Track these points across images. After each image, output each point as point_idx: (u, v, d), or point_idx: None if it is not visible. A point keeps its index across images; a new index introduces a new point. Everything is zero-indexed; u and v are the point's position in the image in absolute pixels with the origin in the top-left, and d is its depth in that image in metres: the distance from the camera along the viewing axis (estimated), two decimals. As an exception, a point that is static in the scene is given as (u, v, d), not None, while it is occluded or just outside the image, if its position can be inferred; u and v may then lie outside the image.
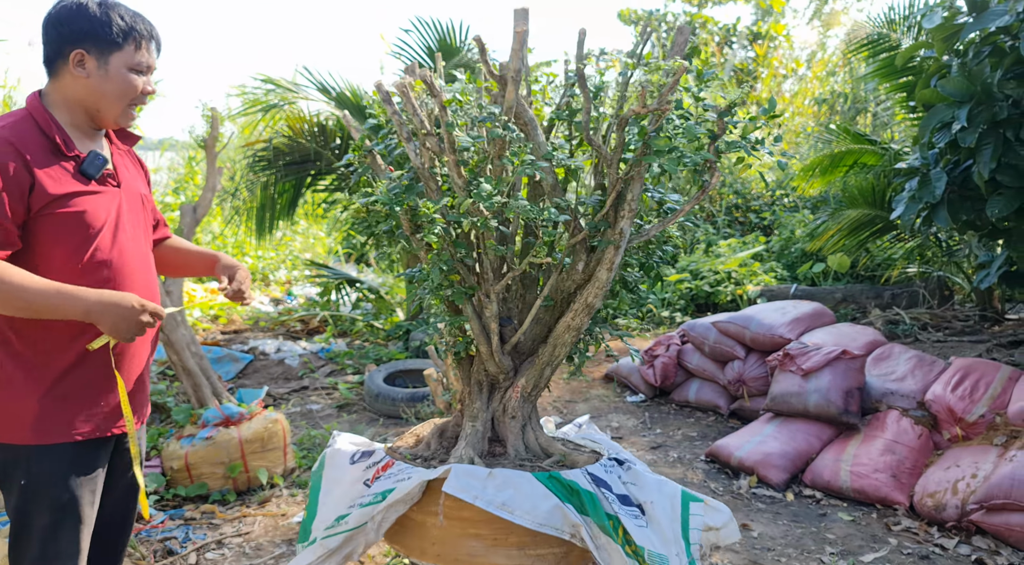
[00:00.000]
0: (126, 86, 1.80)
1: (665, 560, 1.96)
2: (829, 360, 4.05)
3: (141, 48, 1.80)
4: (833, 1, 19.47)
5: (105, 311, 1.70)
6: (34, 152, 1.70)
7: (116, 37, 1.76)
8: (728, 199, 9.72)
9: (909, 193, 4.44)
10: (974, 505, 3.14)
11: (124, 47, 1.77)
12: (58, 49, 1.75)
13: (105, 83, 1.77)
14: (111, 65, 1.77)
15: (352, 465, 2.25)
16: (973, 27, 3.92)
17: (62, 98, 1.79)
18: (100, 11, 1.75)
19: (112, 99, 1.80)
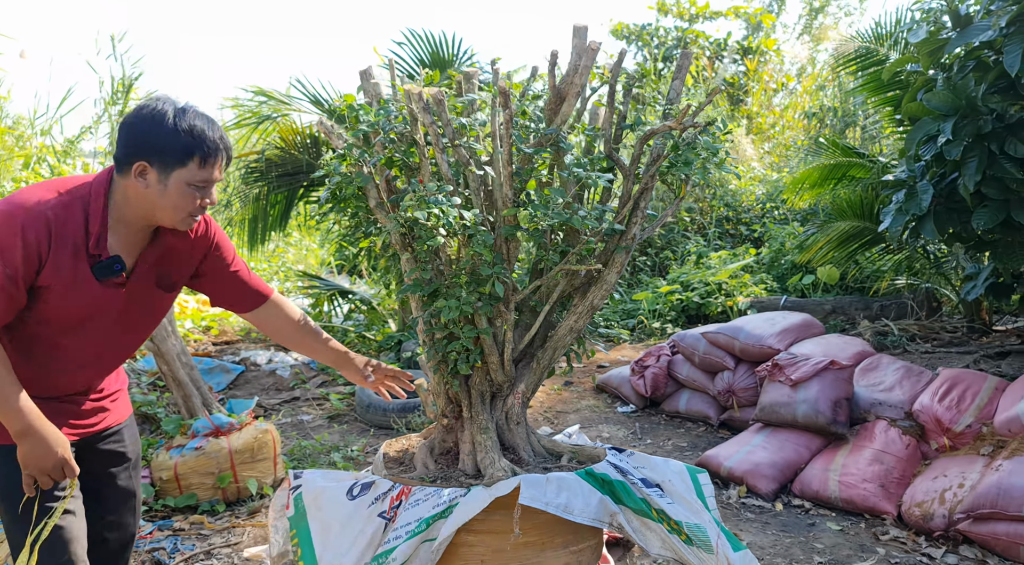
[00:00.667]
0: (184, 202, 1.79)
1: (703, 528, 2.09)
2: (818, 371, 4.08)
3: (206, 165, 1.78)
4: (823, 16, 19.71)
5: (31, 446, 1.72)
6: (64, 239, 1.73)
7: (181, 154, 1.75)
8: (719, 211, 9.78)
9: (896, 205, 4.49)
10: (961, 514, 3.16)
11: (188, 164, 1.76)
12: (124, 154, 1.76)
13: (162, 197, 1.77)
14: (171, 180, 1.76)
15: (353, 500, 2.13)
16: (957, 42, 3.98)
17: (122, 196, 1.80)
18: (173, 125, 1.73)
19: (168, 212, 1.80)
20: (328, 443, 4.54)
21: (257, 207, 6.78)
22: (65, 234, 1.73)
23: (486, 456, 2.17)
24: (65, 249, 1.74)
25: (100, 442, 2.03)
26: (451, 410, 2.34)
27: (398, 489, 2.09)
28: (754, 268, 8.22)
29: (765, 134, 12.18)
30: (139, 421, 4.43)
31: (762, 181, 10.36)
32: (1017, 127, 3.91)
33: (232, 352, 6.67)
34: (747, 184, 10.24)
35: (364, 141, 2.19)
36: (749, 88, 13.16)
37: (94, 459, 2.01)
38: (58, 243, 1.72)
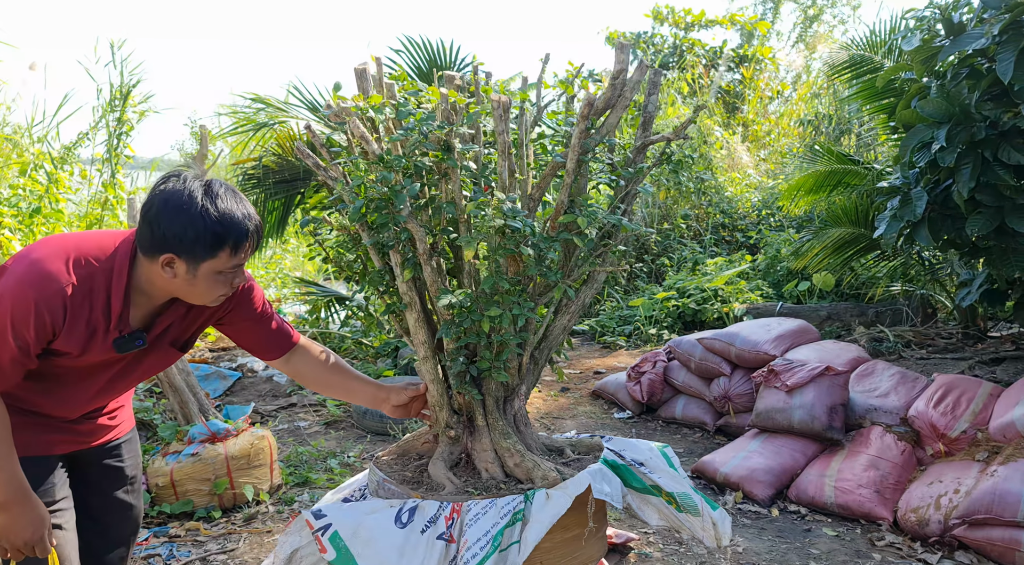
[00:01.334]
0: (213, 290, 1.73)
1: (688, 495, 2.34)
2: (813, 376, 4.09)
3: (237, 253, 1.70)
4: (817, 24, 19.81)
5: (10, 516, 1.69)
6: (79, 313, 1.67)
7: (212, 248, 1.66)
8: (715, 218, 9.81)
9: (891, 212, 4.51)
10: (956, 520, 3.17)
11: (218, 255, 1.67)
12: (149, 243, 1.67)
13: (191, 286, 1.71)
14: (200, 272, 1.68)
15: (404, 528, 2.02)
16: (951, 49, 4.01)
17: (147, 279, 1.73)
18: (201, 215, 1.63)
19: (196, 298, 1.75)
20: (325, 449, 4.54)
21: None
22: (82, 309, 1.67)
23: (525, 460, 2.21)
24: (79, 322, 1.68)
25: (100, 457, 1.99)
26: (456, 421, 2.33)
27: (448, 507, 2.03)
28: (750, 274, 8.24)
29: (761, 141, 12.22)
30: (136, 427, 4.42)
31: (758, 188, 10.39)
32: (1010, 134, 3.94)
33: (229, 358, 6.66)
34: (743, 191, 10.28)
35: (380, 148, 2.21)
36: (745, 96, 13.22)
37: (92, 473, 1.98)
38: (73, 318, 1.66)
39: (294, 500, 3.81)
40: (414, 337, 2.31)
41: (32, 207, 5.98)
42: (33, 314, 1.61)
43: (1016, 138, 3.93)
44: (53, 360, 1.74)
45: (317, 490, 3.95)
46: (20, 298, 1.60)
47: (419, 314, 2.27)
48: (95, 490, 2.00)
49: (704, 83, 13.20)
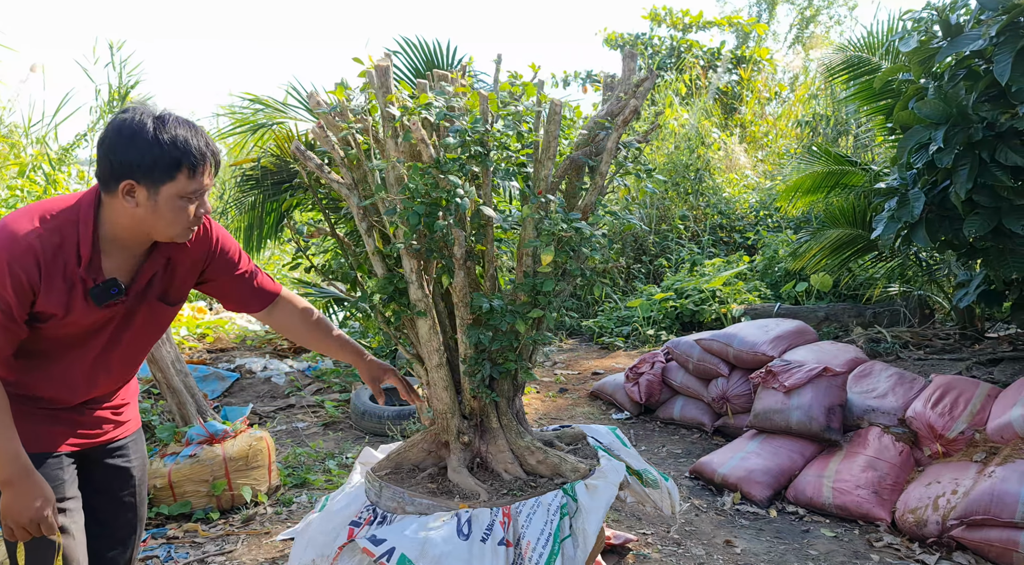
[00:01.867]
0: (177, 216, 1.73)
1: (648, 470, 2.62)
2: (811, 377, 4.09)
3: (195, 176, 1.71)
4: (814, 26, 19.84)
5: (13, 495, 1.69)
6: (54, 267, 1.67)
7: (168, 169, 1.67)
8: (713, 219, 9.81)
9: (888, 213, 4.52)
10: (954, 521, 3.18)
11: (176, 177, 1.68)
12: (108, 175, 1.68)
13: (155, 214, 1.71)
14: (161, 196, 1.69)
15: (467, 540, 2.05)
16: (948, 51, 4.01)
17: (113, 218, 1.73)
18: (152, 139, 1.65)
19: (162, 228, 1.74)
20: (323, 450, 4.53)
21: (253, 215, 6.78)
22: (55, 263, 1.68)
23: (549, 456, 2.32)
24: (56, 278, 1.68)
25: (105, 456, 1.98)
26: (468, 426, 2.35)
27: (499, 513, 2.08)
28: (748, 275, 8.24)
29: (759, 143, 12.23)
30: (133, 429, 4.41)
31: (755, 189, 10.40)
32: (1008, 135, 3.95)
33: (227, 359, 6.66)
34: (740, 192, 10.28)
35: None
36: (743, 97, 13.23)
37: (98, 473, 1.97)
38: (49, 273, 1.67)
39: (292, 501, 3.81)
40: (426, 345, 2.30)
41: (30, 208, 5.96)
42: (8, 275, 1.62)
43: (1013, 139, 3.94)
44: (41, 329, 1.74)
45: (315, 491, 3.94)
46: None
47: (434, 321, 2.27)
48: (102, 490, 1.98)
49: (702, 84, 13.21)
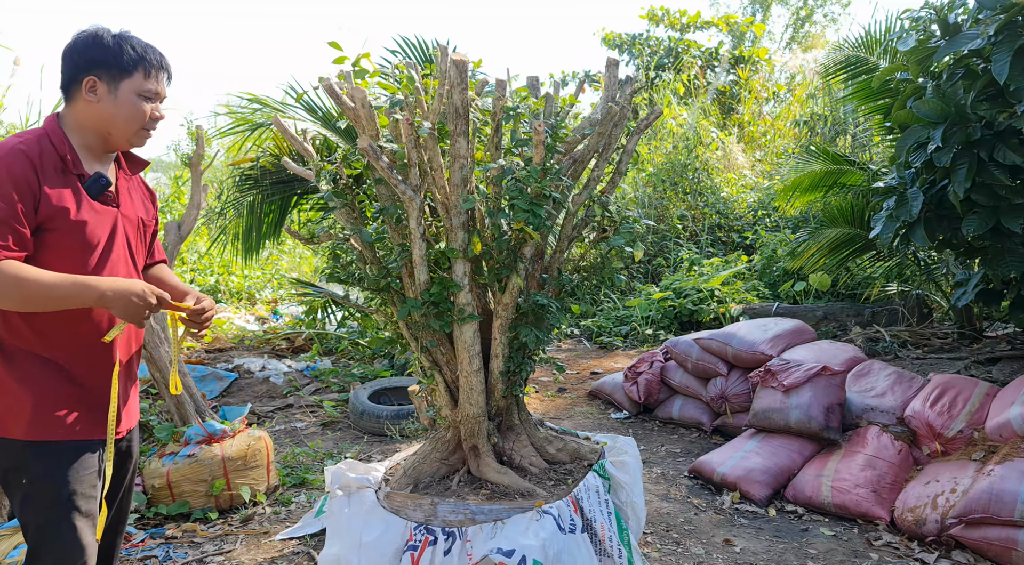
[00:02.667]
0: (135, 112, 1.89)
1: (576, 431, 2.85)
2: (810, 376, 4.09)
3: (151, 76, 1.90)
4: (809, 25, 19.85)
5: (118, 297, 1.80)
6: (45, 167, 1.79)
7: (126, 65, 1.86)
8: (711, 219, 9.81)
9: (887, 212, 4.52)
10: (953, 520, 3.18)
11: (133, 74, 1.87)
12: (72, 76, 1.85)
13: (115, 108, 1.87)
14: (120, 91, 1.87)
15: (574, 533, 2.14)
16: (946, 50, 4.01)
17: (76, 122, 1.88)
18: (113, 41, 1.85)
19: (121, 123, 1.89)
20: (322, 450, 4.53)
21: (251, 215, 6.77)
22: (46, 164, 1.80)
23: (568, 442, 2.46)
24: (51, 175, 1.80)
25: (121, 443, 2.08)
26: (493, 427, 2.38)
27: (567, 502, 2.19)
28: (746, 275, 8.25)
29: (756, 142, 12.24)
30: (131, 429, 4.41)
31: (753, 189, 10.40)
32: (1006, 134, 3.95)
33: (225, 359, 6.65)
34: (739, 192, 10.29)
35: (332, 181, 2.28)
36: (741, 97, 13.24)
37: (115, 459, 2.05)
38: (44, 171, 1.78)
39: (291, 501, 3.81)
40: (468, 349, 2.28)
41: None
42: (7, 174, 1.72)
43: (1012, 138, 3.93)
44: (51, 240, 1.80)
45: (314, 491, 3.94)
46: None
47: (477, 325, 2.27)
48: (116, 475, 2.08)
49: (700, 84, 13.21)
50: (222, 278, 10.20)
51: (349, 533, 2.38)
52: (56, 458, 1.83)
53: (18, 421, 1.80)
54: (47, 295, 1.73)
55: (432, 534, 2.20)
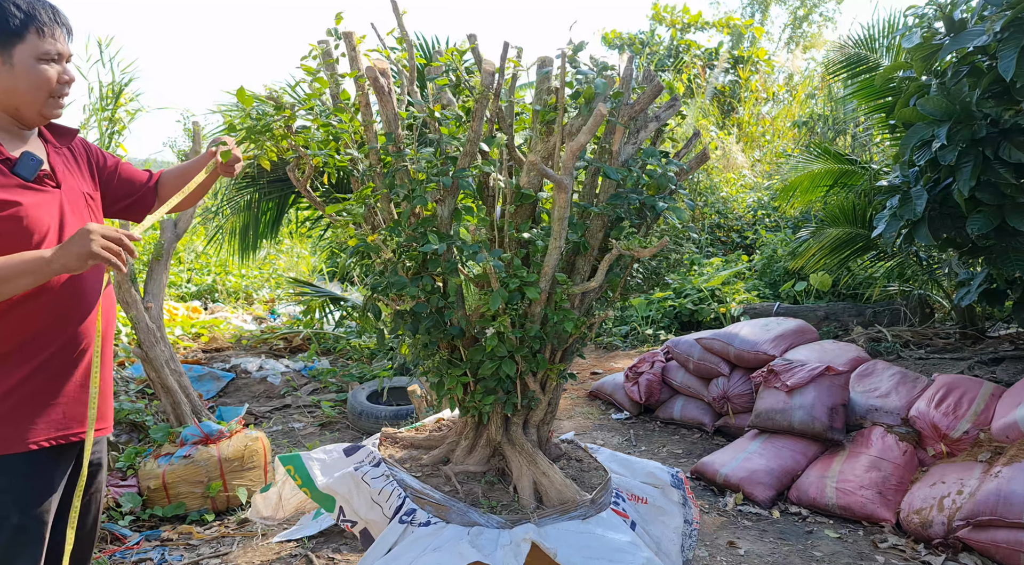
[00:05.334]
0: (38, 78, 1.69)
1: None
2: (813, 376, 4.05)
3: (45, 35, 1.68)
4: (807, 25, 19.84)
5: (67, 253, 1.60)
6: None
7: (14, 28, 1.65)
8: (711, 219, 9.78)
9: (890, 211, 4.48)
10: (960, 522, 3.14)
11: (26, 37, 1.66)
12: None
13: (14, 79, 1.68)
14: (15, 59, 1.67)
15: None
16: (951, 47, 3.98)
17: None
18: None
19: (26, 94, 1.70)
20: (319, 451, 4.48)
21: (248, 214, 6.72)
22: None
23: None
24: None
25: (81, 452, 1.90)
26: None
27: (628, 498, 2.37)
28: (746, 275, 8.21)
29: (756, 142, 12.21)
30: (127, 429, 4.35)
31: (753, 188, 10.37)
32: (1011, 132, 3.91)
33: (222, 359, 6.60)
34: (738, 191, 10.26)
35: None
36: (741, 97, 13.21)
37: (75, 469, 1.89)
38: None
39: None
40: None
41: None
42: None
43: (1017, 136, 3.90)
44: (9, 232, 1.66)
45: (312, 492, 3.89)
46: None
47: None
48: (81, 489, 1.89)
49: (701, 83, 13.18)
50: (219, 277, 10.15)
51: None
52: (10, 476, 1.66)
53: None
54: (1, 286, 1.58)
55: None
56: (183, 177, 2.14)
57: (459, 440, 2.43)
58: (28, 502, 1.69)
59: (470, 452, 2.40)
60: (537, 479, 2.33)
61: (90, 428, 1.73)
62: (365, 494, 2.19)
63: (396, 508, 2.14)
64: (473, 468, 2.36)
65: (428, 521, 2.09)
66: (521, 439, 2.40)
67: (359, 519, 2.20)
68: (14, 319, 1.68)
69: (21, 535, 1.67)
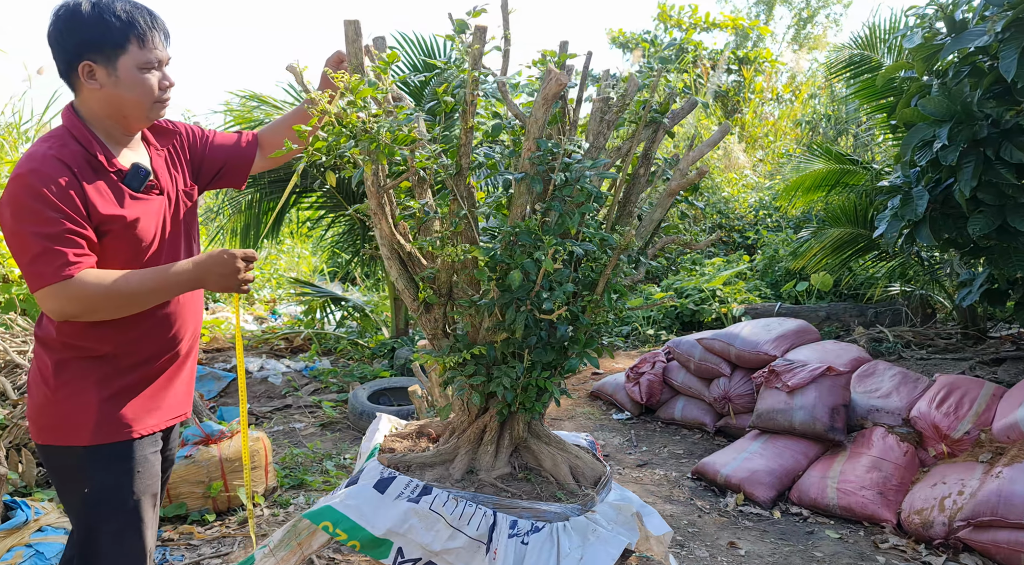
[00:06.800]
0: (142, 88, 1.72)
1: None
2: (814, 377, 4.05)
3: (146, 44, 1.70)
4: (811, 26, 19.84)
5: (208, 272, 1.75)
6: (83, 169, 1.67)
7: (116, 40, 1.67)
8: (712, 218, 9.78)
9: (892, 211, 4.48)
10: (961, 522, 3.13)
11: (128, 48, 1.68)
12: (66, 65, 1.70)
13: (120, 89, 1.71)
14: (120, 70, 1.69)
15: None
16: (952, 47, 3.97)
17: (90, 111, 1.74)
18: (93, 14, 1.65)
19: (132, 103, 1.73)
20: (321, 451, 4.48)
21: (249, 214, 6.73)
22: (84, 169, 1.68)
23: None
24: (89, 176, 1.68)
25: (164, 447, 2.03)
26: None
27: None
28: (748, 275, 8.21)
29: (758, 143, 12.21)
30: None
31: (755, 188, 10.37)
32: (1013, 132, 3.91)
33: (223, 359, 6.60)
34: (740, 191, 10.25)
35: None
36: (745, 96, 13.21)
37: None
38: (82, 174, 1.67)
39: (289, 503, 3.76)
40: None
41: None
42: (51, 189, 1.60)
43: (1018, 136, 3.89)
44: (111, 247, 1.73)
45: (313, 493, 3.89)
46: (30, 188, 1.59)
47: None
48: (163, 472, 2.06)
49: (704, 83, 13.18)
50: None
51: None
52: (120, 463, 1.76)
53: (78, 427, 1.73)
54: (140, 301, 1.70)
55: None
56: (280, 131, 2.20)
57: (477, 447, 2.38)
58: (136, 488, 1.79)
59: (496, 455, 2.37)
60: (572, 463, 2.39)
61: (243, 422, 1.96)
62: (437, 524, 2.08)
63: (489, 526, 2.06)
64: (506, 470, 2.34)
65: (536, 526, 2.07)
66: (543, 430, 2.44)
67: (426, 554, 2.09)
68: (119, 323, 1.76)
69: (135, 516, 1.79)
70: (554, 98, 1.96)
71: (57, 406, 1.74)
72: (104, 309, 1.66)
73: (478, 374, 2.21)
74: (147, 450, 1.82)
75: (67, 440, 1.74)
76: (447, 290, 2.28)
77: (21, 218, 1.59)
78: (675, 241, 2.22)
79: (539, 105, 1.98)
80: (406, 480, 2.17)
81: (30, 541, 2.84)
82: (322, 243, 8.67)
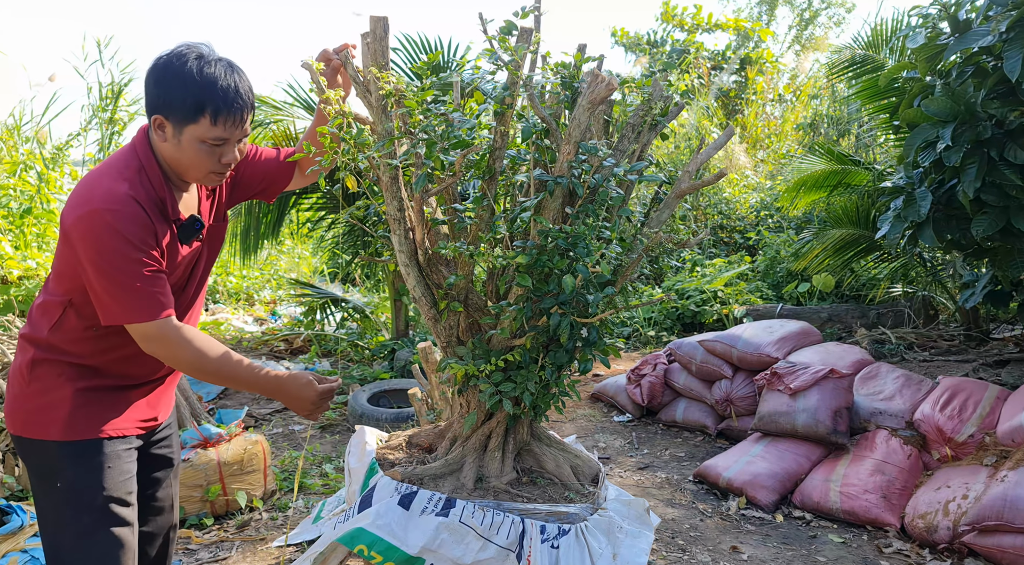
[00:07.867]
0: (198, 160, 1.73)
1: None
2: (817, 379, 4.02)
3: (218, 122, 1.68)
4: (813, 27, 19.81)
5: (287, 392, 1.85)
6: (153, 213, 1.70)
7: (191, 111, 1.66)
8: (713, 219, 9.75)
9: (894, 212, 4.45)
10: (966, 526, 3.10)
11: (199, 121, 1.67)
12: (147, 107, 1.72)
13: (180, 152, 1.72)
14: (184, 137, 1.70)
15: None
16: (956, 47, 3.94)
17: (160, 151, 1.76)
18: (185, 77, 1.64)
19: (186, 168, 1.75)
20: (320, 454, 4.45)
21: (250, 215, 6.70)
22: (151, 207, 1.70)
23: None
24: (158, 219, 1.72)
25: (152, 447, 1.99)
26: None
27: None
28: (749, 276, 8.18)
29: (760, 143, 12.18)
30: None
31: (756, 189, 10.34)
32: (1017, 133, 3.88)
33: (222, 361, 6.57)
34: (741, 192, 10.23)
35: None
36: (748, 97, 13.18)
37: (145, 464, 1.97)
38: (153, 217, 1.69)
39: (288, 506, 3.73)
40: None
41: (23, 208, 5.90)
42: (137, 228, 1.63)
43: (1022, 137, 3.87)
44: None
45: (312, 496, 3.87)
46: (111, 226, 1.61)
47: None
48: (146, 485, 1.99)
49: (706, 83, 13.16)
50: (220, 278, 10.14)
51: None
52: (91, 460, 1.75)
53: (50, 422, 1.73)
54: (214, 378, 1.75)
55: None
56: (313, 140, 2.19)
57: (483, 453, 2.36)
58: (110, 484, 1.77)
59: (503, 461, 2.35)
60: (573, 463, 2.39)
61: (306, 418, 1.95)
62: (467, 536, 2.06)
63: (519, 533, 2.05)
64: (513, 475, 2.33)
65: (563, 530, 2.05)
66: (543, 432, 2.43)
67: None
68: (115, 343, 1.78)
69: (105, 515, 1.76)
70: (601, 102, 1.94)
71: (31, 399, 1.75)
72: (182, 366, 1.73)
73: (508, 380, 2.20)
74: (119, 449, 1.81)
75: (40, 434, 1.74)
76: (463, 298, 2.27)
77: (103, 252, 1.62)
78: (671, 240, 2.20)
79: (583, 109, 1.97)
80: (428, 494, 2.16)
81: (25, 546, 2.82)
82: (323, 244, 8.64)
